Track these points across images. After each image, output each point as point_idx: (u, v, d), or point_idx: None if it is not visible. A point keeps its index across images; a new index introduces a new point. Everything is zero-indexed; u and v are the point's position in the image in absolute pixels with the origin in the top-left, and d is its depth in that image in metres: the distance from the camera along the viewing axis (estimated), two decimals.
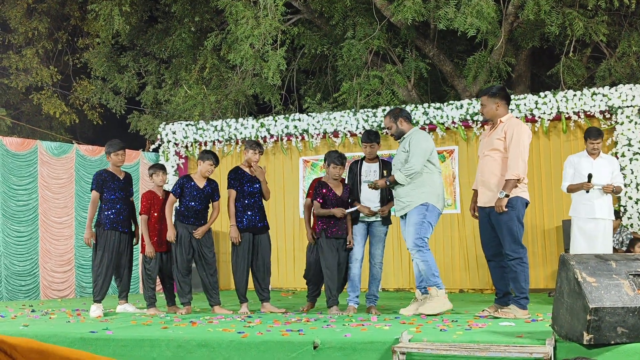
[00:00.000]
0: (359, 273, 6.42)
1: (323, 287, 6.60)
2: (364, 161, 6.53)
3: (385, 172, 6.33)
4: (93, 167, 10.41)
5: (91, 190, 6.79)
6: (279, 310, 6.47)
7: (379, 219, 6.36)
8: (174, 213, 6.66)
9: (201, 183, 6.62)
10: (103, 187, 6.73)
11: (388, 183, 5.91)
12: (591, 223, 6.48)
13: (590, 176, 6.44)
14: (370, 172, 6.43)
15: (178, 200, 6.59)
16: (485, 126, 5.80)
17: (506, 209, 5.29)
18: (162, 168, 6.94)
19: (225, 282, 10.34)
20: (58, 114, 14.77)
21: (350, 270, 6.40)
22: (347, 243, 6.38)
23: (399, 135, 6.12)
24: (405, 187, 5.83)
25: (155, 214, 6.70)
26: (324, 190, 6.43)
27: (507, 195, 5.27)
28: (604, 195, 6.51)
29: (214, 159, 6.63)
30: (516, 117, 6.40)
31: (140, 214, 6.71)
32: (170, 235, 6.48)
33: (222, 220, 9.48)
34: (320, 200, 6.42)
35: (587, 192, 6.48)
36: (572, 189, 6.64)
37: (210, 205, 6.76)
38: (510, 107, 9.18)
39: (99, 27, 13.11)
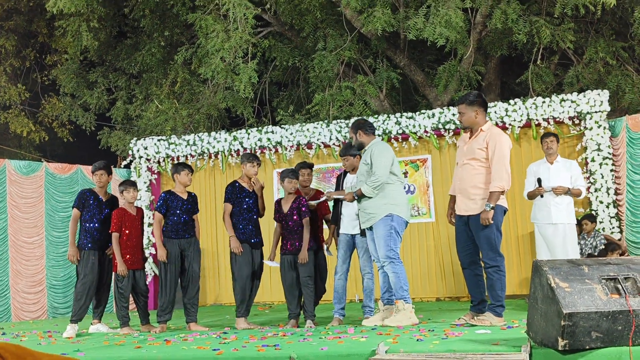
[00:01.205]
0: (343, 285, 6.45)
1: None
2: (347, 173, 6.60)
3: None
4: (63, 185, 10.26)
5: (72, 207, 6.78)
6: (255, 327, 6.40)
7: (357, 232, 6.39)
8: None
9: (184, 195, 6.63)
10: (84, 206, 6.70)
11: (356, 197, 5.92)
12: (550, 228, 6.54)
13: (539, 180, 6.51)
14: (350, 183, 6.48)
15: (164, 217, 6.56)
16: (463, 132, 5.78)
17: (492, 221, 5.29)
18: (133, 184, 6.87)
19: (202, 298, 10.26)
20: (25, 133, 14.57)
21: (335, 282, 6.42)
22: (298, 260, 6.44)
23: (359, 147, 6.18)
24: (369, 199, 5.84)
25: (127, 232, 6.61)
26: (277, 207, 6.66)
27: (492, 208, 5.26)
28: (559, 199, 6.54)
29: (189, 169, 6.69)
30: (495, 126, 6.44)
31: (111, 232, 6.61)
32: (162, 255, 6.40)
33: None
34: (276, 217, 6.68)
35: (542, 196, 6.54)
36: (530, 196, 6.75)
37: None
38: None
39: (67, 44, 13.02)
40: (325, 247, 6.75)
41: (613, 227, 8.68)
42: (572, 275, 3.67)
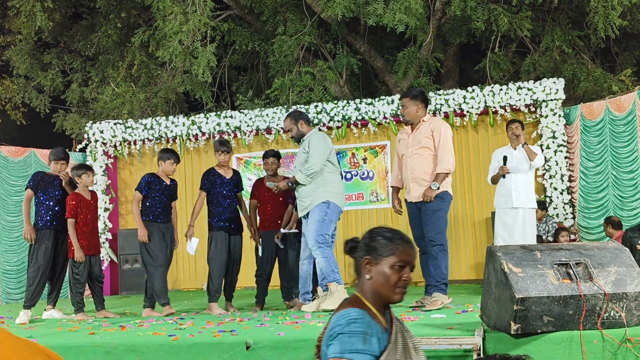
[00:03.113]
0: (306, 269, 6.41)
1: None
2: None
3: None
4: (16, 168, 10.03)
5: (26, 188, 6.64)
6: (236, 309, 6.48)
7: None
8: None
9: (167, 180, 6.63)
10: (39, 187, 6.56)
11: (290, 184, 5.96)
12: (511, 213, 6.67)
13: (505, 158, 6.67)
14: None
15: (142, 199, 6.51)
16: (405, 126, 6.07)
17: (434, 199, 5.61)
18: (90, 168, 6.72)
19: None
20: None
21: (300, 267, 6.42)
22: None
23: (298, 137, 6.20)
24: (307, 187, 5.91)
25: (83, 217, 6.48)
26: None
27: (438, 187, 5.61)
28: (520, 181, 6.66)
29: (175, 157, 6.64)
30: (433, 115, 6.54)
31: (66, 217, 6.46)
32: (143, 234, 6.34)
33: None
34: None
35: (504, 177, 6.67)
36: (494, 180, 6.89)
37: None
38: (438, 103, 9.35)
39: (21, 24, 12.64)
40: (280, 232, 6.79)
41: (567, 213, 8.87)
42: (525, 261, 3.73)
